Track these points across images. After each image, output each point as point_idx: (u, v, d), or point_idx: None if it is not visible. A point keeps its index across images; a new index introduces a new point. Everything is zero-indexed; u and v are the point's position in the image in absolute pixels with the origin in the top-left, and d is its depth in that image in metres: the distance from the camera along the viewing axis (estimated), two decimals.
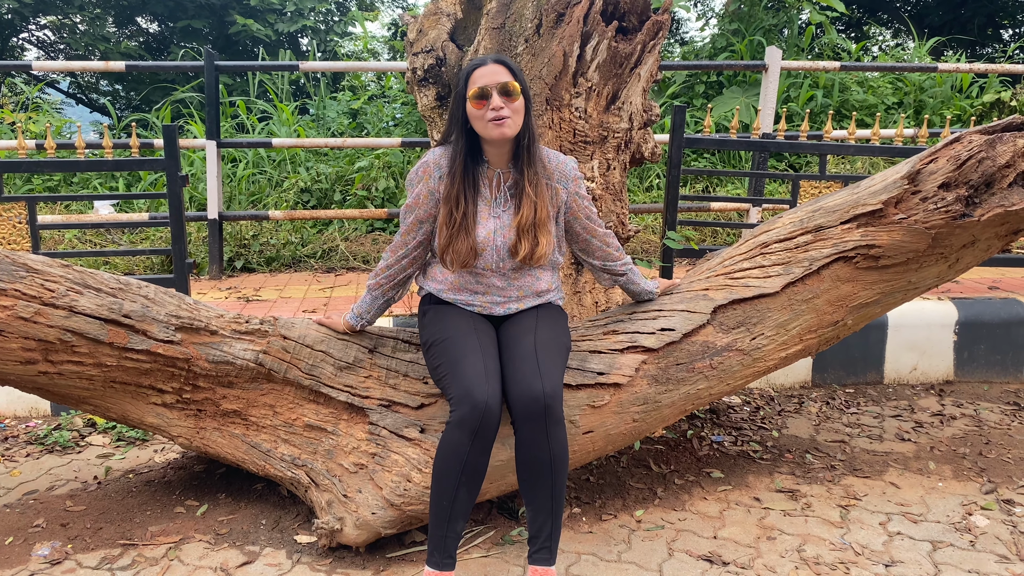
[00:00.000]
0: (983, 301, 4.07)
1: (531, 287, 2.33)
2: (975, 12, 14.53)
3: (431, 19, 3.44)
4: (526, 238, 2.20)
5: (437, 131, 3.53)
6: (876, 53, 13.18)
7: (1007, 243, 2.88)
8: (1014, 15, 15.85)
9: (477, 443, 2.03)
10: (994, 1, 15.08)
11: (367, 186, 6.34)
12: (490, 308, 2.30)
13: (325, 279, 4.97)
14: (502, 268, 2.26)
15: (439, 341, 2.22)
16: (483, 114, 2.14)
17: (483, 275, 2.28)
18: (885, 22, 16.92)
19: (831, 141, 4.93)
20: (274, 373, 2.52)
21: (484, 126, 2.16)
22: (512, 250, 2.22)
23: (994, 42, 15.01)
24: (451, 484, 2.05)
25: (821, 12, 8.44)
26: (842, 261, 2.73)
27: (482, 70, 2.17)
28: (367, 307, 2.47)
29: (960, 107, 7.27)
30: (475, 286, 2.30)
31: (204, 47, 5.38)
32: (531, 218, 2.20)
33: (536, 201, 2.21)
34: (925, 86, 7.75)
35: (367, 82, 8.98)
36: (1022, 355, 4.02)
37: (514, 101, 2.15)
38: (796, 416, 3.61)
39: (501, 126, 2.13)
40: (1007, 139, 2.66)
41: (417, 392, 2.51)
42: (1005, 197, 2.65)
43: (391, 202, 6.30)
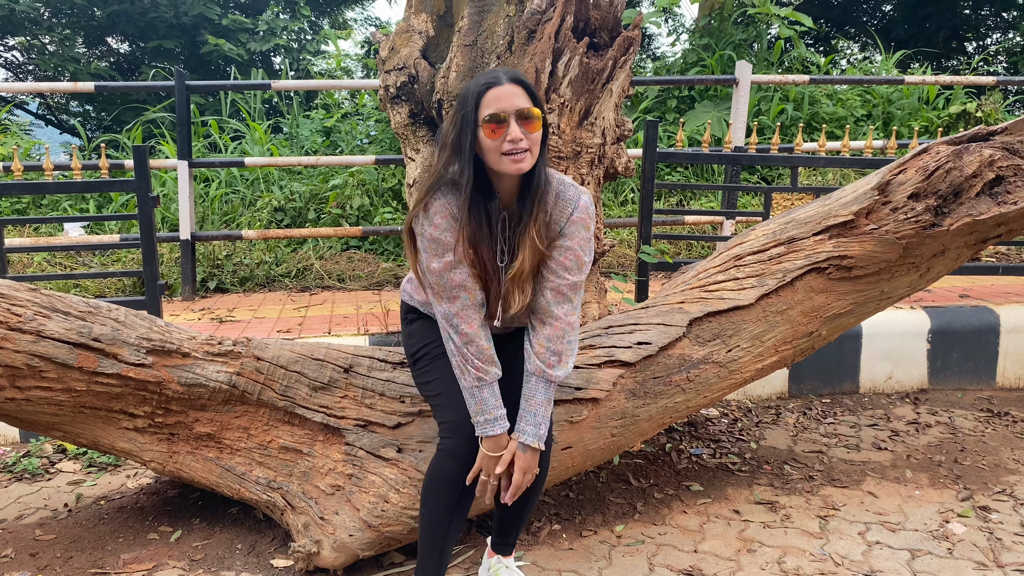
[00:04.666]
0: (954, 309, 4.11)
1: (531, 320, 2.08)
2: (939, 26, 14.82)
3: (403, 37, 3.45)
4: (521, 291, 1.95)
5: (411, 148, 3.53)
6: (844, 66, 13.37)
7: (976, 252, 2.92)
8: (977, 28, 16.17)
9: (468, 472, 1.99)
10: (957, 15, 15.40)
11: (341, 204, 6.31)
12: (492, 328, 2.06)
13: (300, 298, 4.93)
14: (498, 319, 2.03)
15: (430, 356, 2.10)
16: (498, 145, 1.82)
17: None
18: (852, 36, 17.20)
19: (802, 154, 4.98)
20: (248, 395, 2.49)
21: (498, 159, 1.83)
22: (505, 306, 1.98)
23: (958, 55, 15.30)
24: (444, 512, 2.01)
25: (789, 27, 8.56)
26: (815, 272, 2.75)
27: (497, 91, 1.83)
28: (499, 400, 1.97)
29: (927, 118, 7.39)
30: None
31: (175, 67, 5.35)
32: (524, 270, 1.93)
33: (534, 246, 1.92)
34: (893, 98, 7.87)
35: (340, 100, 8.96)
36: (994, 362, 4.07)
37: (533, 130, 1.84)
38: (773, 427, 3.62)
39: (519, 161, 1.82)
40: (973, 149, 2.70)
41: (394, 411, 2.49)
42: (973, 206, 2.69)
43: (366, 220, 6.28)
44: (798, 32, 8.83)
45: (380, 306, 4.48)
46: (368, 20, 17.26)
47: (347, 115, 8.23)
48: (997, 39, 16.52)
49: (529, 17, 3.11)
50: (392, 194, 6.58)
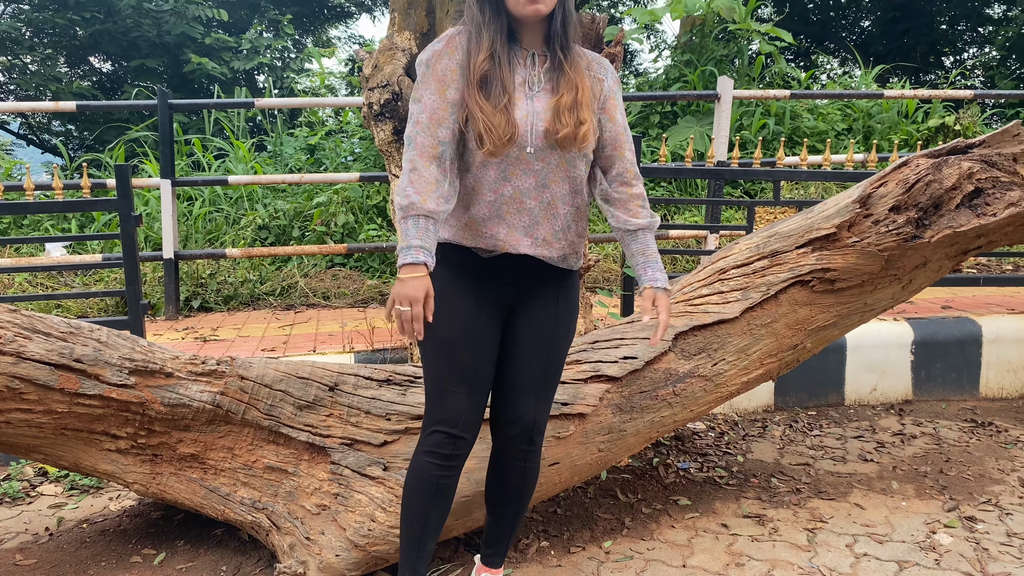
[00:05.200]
0: (937, 321, 4.15)
1: (566, 215, 1.99)
2: (917, 41, 15.03)
3: (386, 55, 3.45)
4: (567, 118, 1.87)
5: (395, 165, 3.53)
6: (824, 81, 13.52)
7: (957, 263, 2.95)
8: (954, 43, 16.41)
9: (447, 468, 2.00)
10: (934, 30, 15.63)
11: (326, 221, 6.30)
12: (516, 242, 1.94)
13: (284, 316, 4.90)
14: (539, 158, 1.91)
15: (434, 338, 1.96)
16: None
17: (515, 174, 1.92)
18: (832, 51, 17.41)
19: (784, 168, 5.02)
20: (232, 414, 2.47)
21: (516, 2, 1.84)
22: (548, 132, 1.89)
23: (936, 69, 15.52)
24: (422, 508, 2.02)
25: (770, 43, 8.65)
26: (799, 285, 2.76)
27: None
28: (423, 233, 1.84)
29: (907, 132, 7.47)
30: (503, 204, 1.93)
31: (158, 86, 5.34)
32: (572, 100, 1.89)
33: (578, 83, 1.91)
34: (873, 112, 7.96)
35: (325, 118, 8.96)
36: (977, 372, 4.10)
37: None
38: (760, 440, 3.63)
39: (536, 2, 1.82)
40: (952, 162, 2.73)
41: (379, 429, 2.47)
42: (953, 218, 2.72)
43: (350, 237, 6.27)
44: (778, 48, 8.92)
45: (366, 323, 4.47)
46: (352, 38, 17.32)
47: (331, 133, 8.23)
48: (973, 53, 16.77)
49: None
50: (377, 211, 6.58)
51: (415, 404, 2.52)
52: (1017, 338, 4.09)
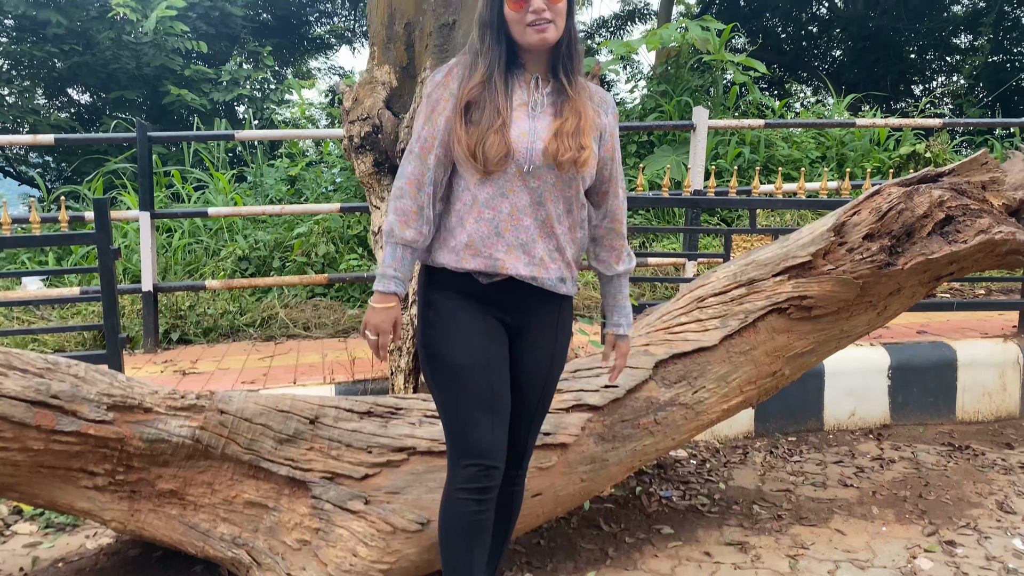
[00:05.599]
0: (913, 346, 4.20)
1: (561, 235, 1.98)
2: (887, 70, 15.34)
3: (366, 88, 3.49)
4: (570, 142, 1.88)
5: (376, 196, 3.55)
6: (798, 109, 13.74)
7: (930, 289, 2.99)
8: (923, 72, 16.77)
9: (485, 502, 1.96)
10: (904, 60, 15.97)
11: (306, 252, 6.29)
12: (514, 261, 1.92)
13: (264, 348, 4.88)
14: (536, 176, 1.90)
15: (449, 366, 1.95)
16: (522, 17, 1.85)
17: (512, 191, 1.90)
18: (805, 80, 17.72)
19: (759, 196, 5.09)
20: (212, 449, 2.45)
21: (523, 31, 1.86)
22: (547, 152, 1.88)
23: (906, 97, 15.83)
24: (466, 548, 1.97)
25: (744, 73, 8.80)
26: (776, 313, 2.80)
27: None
28: (399, 263, 1.93)
29: (879, 159, 7.60)
30: (501, 221, 1.91)
31: (137, 118, 5.34)
32: (575, 125, 1.90)
33: (581, 110, 1.92)
34: (846, 140, 8.10)
35: (305, 148, 8.98)
36: (953, 396, 4.15)
37: (556, 2, 1.85)
38: (741, 467, 3.64)
39: (543, 31, 1.84)
40: (923, 191, 2.79)
41: (361, 462, 2.46)
42: (925, 246, 2.77)
43: (331, 267, 6.26)
44: (752, 78, 9.07)
45: (346, 354, 4.45)
46: (332, 69, 17.39)
47: (312, 163, 8.25)
48: (942, 82, 17.14)
49: None
50: (358, 241, 6.58)
51: (396, 436, 2.51)
52: (991, 362, 4.15)
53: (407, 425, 2.59)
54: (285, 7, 13.94)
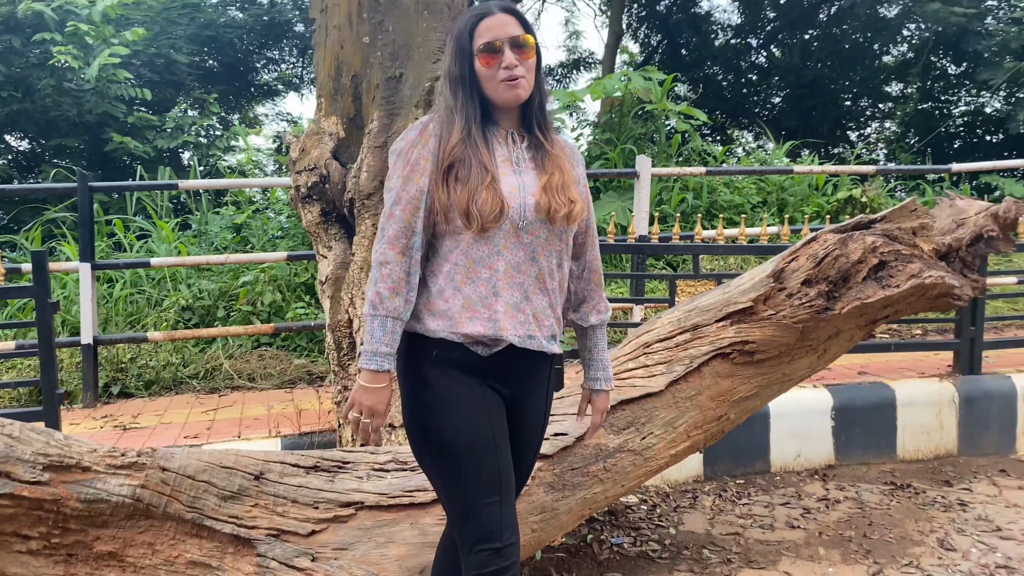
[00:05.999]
0: (854, 387, 4.30)
1: (552, 291, 1.93)
2: (824, 116, 15.92)
3: (313, 138, 3.50)
4: (560, 197, 1.85)
5: (323, 245, 3.54)
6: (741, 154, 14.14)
7: (868, 332, 3.08)
8: (858, 118, 17.44)
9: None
10: (839, 107, 16.59)
11: (252, 301, 6.21)
12: (512, 320, 1.85)
13: (208, 400, 4.78)
14: (529, 231, 1.85)
15: (454, 452, 1.83)
16: (494, 73, 1.82)
17: (507, 247, 1.84)
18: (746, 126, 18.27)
19: (701, 242, 5.20)
20: (153, 508, 2.38)
21: (496, 87, 1.83)
22: (539, 207, 1.84)
23: (843, 142, 16.42)
24: None
25: (685, 121, 9.04)
26: (720, 358, 2.85)
27: (489, 21, 1.84)
28: (390, 338, 1.82)
29: (818, 204, 7.85)
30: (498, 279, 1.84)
31: (78, 168, 5.25)
32: (561, 180, 1.88)
33: (562, 164, 1.91)
34: (785, 185, 8.34)
35: (252, 195, 8.92)
36: (893, 436, 4.25)
37: (528, 57, 1.84)
38: (691, 511, 3.66)
39: (516, 87, 1.82)
40: (857, 237, 2.89)
41: (307, 519, 2.42)
42: (861, 290, 2.86)
43: (277, 316, 6.18)
44: (694, 125, 9.32)
45: (293, 406, 4.39)
46: (279, 115, 17.36)
47: (258, 210, 8.18)
48: (876, 128, 17.82)
49: None
50: (305, 289, 6.53)
51: (343, 491, 2.48)
52: (928, 401, 4.27)
53: (354, 479, 2.55)
54: (231, 54, 13.92)
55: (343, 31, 3.48)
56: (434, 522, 2.49)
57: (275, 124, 17.15)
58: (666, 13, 18.47)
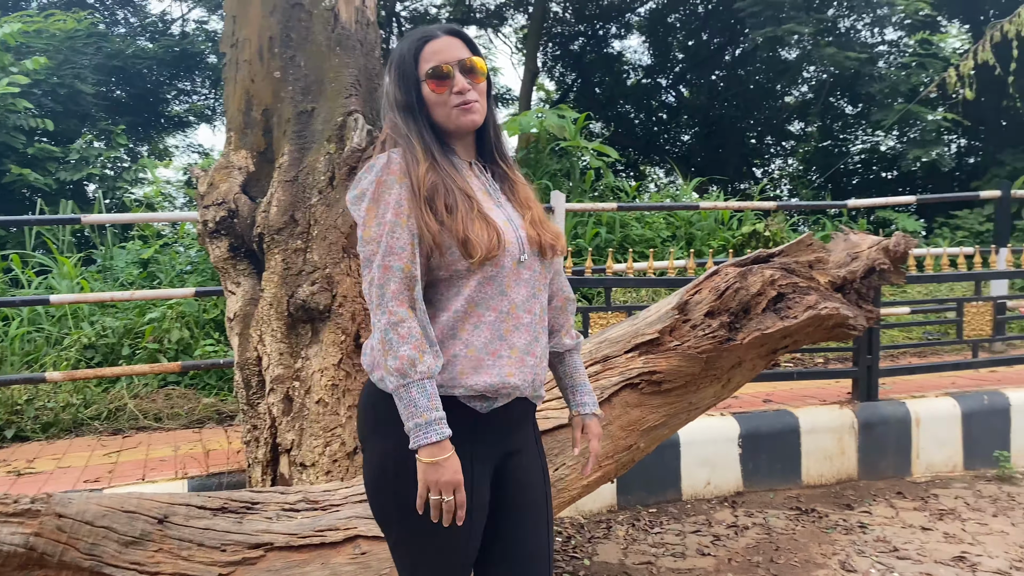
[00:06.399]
0: (760, 414, 4.45)
1: (544, 329, 1.81)
2: (731, 154, 16.56)
3: (222, 172, 3.45)
4: (545, 227, 1.76)
5: (231, 281, 3.48)
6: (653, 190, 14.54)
7: (769, 362, 3.21)
8: (762, 156, 18.18)
9: None
10: (745, 144, 17.28)
11: (159, 338, 6.02)
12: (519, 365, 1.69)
13: (111, 443, 4.59)
14: (528, 266, 1.72)
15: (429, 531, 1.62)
16: (445, 99, 1.69)
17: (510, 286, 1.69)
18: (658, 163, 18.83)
19: (612, 276, 5.32)
20: (48, 557, 2.28)
21: (448, 113, 1.70)
22: (532, 241, 1.72)
23: (749, 179, 17.09)
24: None
25: (598, 158, 9.27)
26: (629, 388, 2.91)
27: (435, 44, 1.70)
28: (436, 401, 1.58)
29: (724, 238, 8.13)
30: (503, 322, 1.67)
31: None
32: (540, 214, 1.78)
33: (530, 195, 1.82)
34: (693, 220, 8.63)
35: (160, 229, 8.68)
36: (798, 462, 4.40)
37: (478, 82, 1.72)
38: (605, 541, 3.70)
39: (470, 111, 1.69)
40: (756, 271, 3.01)
41: (214, 562, 2.35)
42: (761, 321, 2.98)
43: (185, 353, 6.00)
44: (606, 162, 9.56)
45: (200, 446, 4.26)
46: (191, 147, 17.02)
47: (167, 245, 7.97)
48: (780, 165, 18.63)
49: (350, 155, 3.23)
50: (214, 325, 6.36)
51: (252, 532, 2.42)
52: (830, 427, 4.44)
53: (264, 520, 2.50)
54: (140, 85, 13.61)
55: (254, 65, 3.46)
56: (345, 561, 2.46)
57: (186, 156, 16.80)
58: (580, 52, 18.98)
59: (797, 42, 13.72)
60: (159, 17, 16.29)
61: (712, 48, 17.34)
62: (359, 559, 2.50)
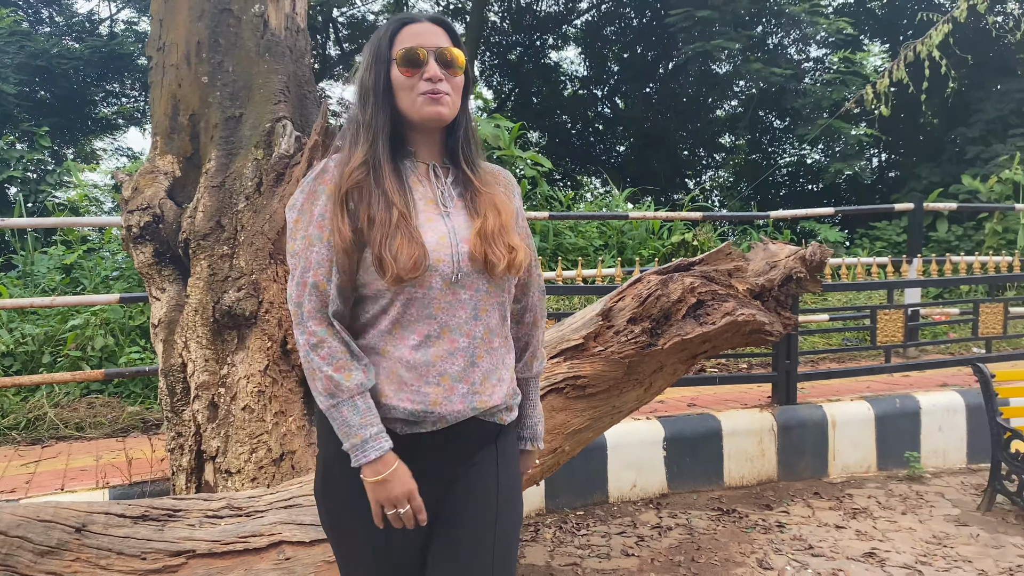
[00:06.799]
0: (684, 418, 4.57)
1: (499, 348, 1.65)
2: (663, 165, 16.89)
3: (147, 177, 3.41)
4: (498, 247, 1.57)
5: (156, 287, 3.43)
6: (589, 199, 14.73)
7: (689, 366, 3.31)
8: (695, 167, 18.59)
9: None
10: (678, 156, 17.65)
11: (81, 345, 5.87)
12: (448, 394, 1.56)
13: (29, 452, 4.46)
14: (466, 285, 1.58)
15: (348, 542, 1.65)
16: (413, 83, 1.56)
17: (440, 308, 1.56)
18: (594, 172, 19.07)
19: None
20: None
21: (413, 101, 1.57)
22: (475, 258, 1.57)
23: (681, 189, 17.45)
24: None
25: (533, 168, 9.37)
26: (555, 392, 2.98)
27: (415, 27, 1.59)
28: (370, 415, 1.53)
29: (654, 247, 8.31)
30: (431, 347, 1.55)
31: None
32: (497, 224, 1.59)
33: (497, 203, 1.63)
34: (625, 229, 8.79)
35: (85, 234, 8.45)
36: (720, 464, 4.54)
37: (455, 75, 1.60)
38: (533, 544, 3.76)
39: (437, 102, 1.56)
40: (677, 279, 3.11)
41: (133, 570, 2.32)
42: (681, 327, 3.08)
43: (110, 361, 5.87)
44: (541, 172, 9.67)
45: (124, 455, 4.17)
46: (119, 150, 16.58)
47: (91, 250, 7.76)
48: (712, 176, 19.07)
49: (277, 161, 3.23)
50: (140, 332, 6.23)
51: (173, 539, 2.40)
52: (750, 430, 4.59)
53: (186, 527, 2.48)
54: (66, 86, 13.23)
55: (181, 70, 3.44)
56: (269, 567, 2.45)
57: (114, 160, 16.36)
58: (517, 62, 19.14)
59: (728, 57, 14.11)
60: (86, 17, 15.86)
61: (647, 61, 17.68)
62: (283, 564, 2.50)
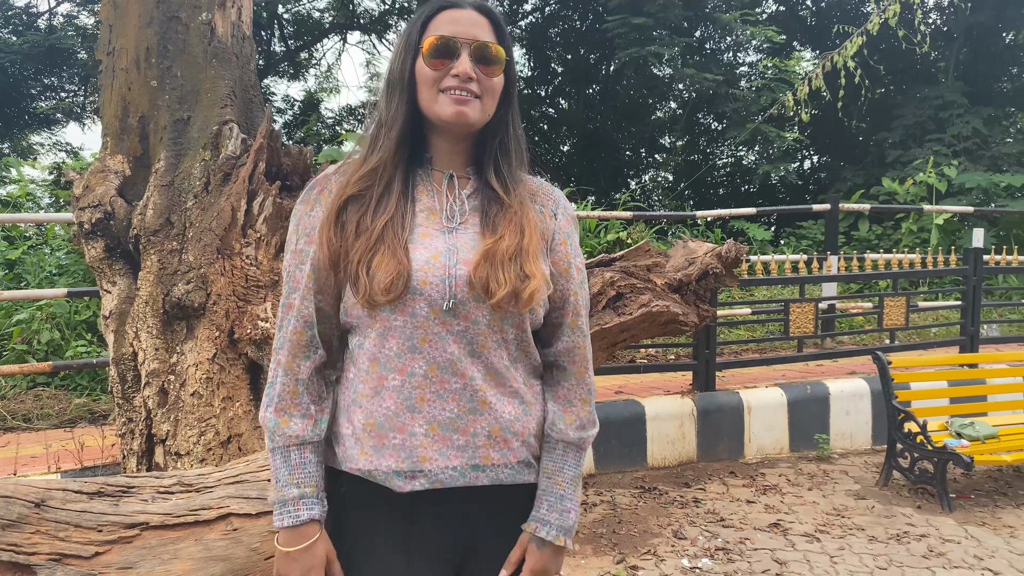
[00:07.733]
0: (611, 404, 4.88)
1: (524, 390, 1.38)
2: (605, 165, 17.29)
3: (98, 176, 3.58)
4: (506, 271, 1.29)
5: (107, 281, 3.60)
6: None
7: (609, 355, 3.61)
8: (636, 167, 19.04)
9: None
10: (620, 157, 18.07)
11: (27, 339, 5.94)
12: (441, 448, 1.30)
13: None
14: (461, 315, 1.30)
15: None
16: (439, 77, 1.32)
17: (427, 340, 1.30)
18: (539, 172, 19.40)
19: None
20: None
21: (434, 98, 1.32)
22: (473, 282, 1.29)
23: (623, 188, 17.89)
24: None
25: None
26: None
27: (453, 13, 1.34)
28: (300, 473, 1.34)
29: (591, 245, 8.63)
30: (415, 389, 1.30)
31: None
32: (514, 246, 1.31)
33: (523, 223, 1.34)
34: None
35: (26, 230, 8.44)
36: (644, 446, 4.86)
37: (492, 75, 1.34)
38: None
39: (461, 103, 1.30)
40: (597, 272, 3.40)
41: (91, 541, 2.51)
42: (601, 318, 3.37)
43: (56, 354, 5.95)
44: None
45: (74, 443, 4.31)
46: (58, 145, 16.34)
47: (34, 247, 7.78)
48: (652, 176, 19.56)
49: (224, 162, 3.43)
50: (87, 327, 6.32)
51: (128, 513, 2.60)
52: (672, 414, 4.93)
53: (139, 502, 2.67)
54: (2, 79, 13.03)
55: (130, 74, 3.60)
56: (218, 537, 2.66)
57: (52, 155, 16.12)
58: None
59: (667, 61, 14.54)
60: (23, 10, 15.58)
61: (589, 64, 18.06)
62: (231, 535, 2.72)
